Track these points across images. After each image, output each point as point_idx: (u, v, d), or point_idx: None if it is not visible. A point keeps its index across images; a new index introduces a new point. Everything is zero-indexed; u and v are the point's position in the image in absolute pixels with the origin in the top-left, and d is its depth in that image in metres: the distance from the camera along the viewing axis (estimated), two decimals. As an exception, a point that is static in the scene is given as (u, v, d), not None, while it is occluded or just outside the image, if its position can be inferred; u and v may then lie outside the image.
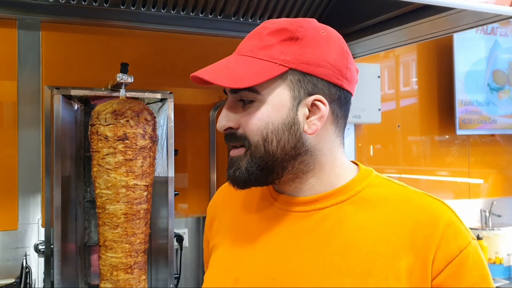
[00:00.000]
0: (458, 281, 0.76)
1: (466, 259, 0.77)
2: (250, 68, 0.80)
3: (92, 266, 1.83)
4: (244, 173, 0.82)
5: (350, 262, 0.78)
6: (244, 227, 0.92)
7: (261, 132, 0.80)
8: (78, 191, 1.81)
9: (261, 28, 0.85)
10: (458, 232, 0.80)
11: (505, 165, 3.19)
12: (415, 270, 0.76)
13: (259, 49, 0.81)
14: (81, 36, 2.02)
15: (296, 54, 0.80)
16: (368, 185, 0.86)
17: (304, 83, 0.81)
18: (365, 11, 2.04)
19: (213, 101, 2.26)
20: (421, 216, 0.80)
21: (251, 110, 0.81)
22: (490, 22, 1.65)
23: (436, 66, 2.95)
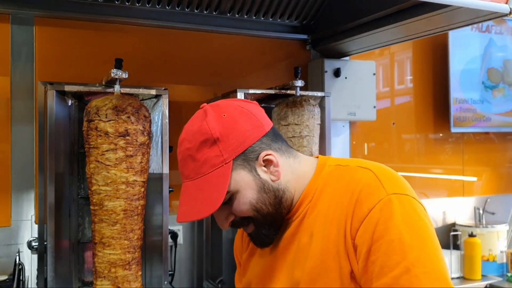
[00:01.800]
0: (366, 236, 0.90)
1: (373, 216, 0.90)
2: (207, 191, 0.98)
3: (86, 263, 1.83)
4: (266, 236, 1.04)
5: (313, 247, 0.98)
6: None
7: (251, 208, 1.00)
8: (72, 188, 1.80)
9: (186, 151, 1.01)
10: (370, 193, 0.93)
11: (499, 163, 3.20)
12: (346, 234, 0.93)
13: (199, 167, 0.99)
14: (75, 32, 2.01)
15: (226, 149, 0.98)
16: (322, 178, 1.04)
17: (247, 157, 1.00)
18: (360, 8, 2.04)
19: (208, 97, 2.25)
20: (347, 187, 0.97)
21: (235, 201, 1.00)
22: (485, 20, 1.66)
23: (431, 64, 2.95)
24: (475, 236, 2.66)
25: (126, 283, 1.64)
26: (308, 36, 2.44)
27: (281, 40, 2.40)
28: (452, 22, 1.78)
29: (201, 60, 2.25)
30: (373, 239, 0.88)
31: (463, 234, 2.73)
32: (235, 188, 0.99)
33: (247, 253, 1.20)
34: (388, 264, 0.86)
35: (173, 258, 2.11)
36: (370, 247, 0.89)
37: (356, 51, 2.39)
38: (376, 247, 0.88)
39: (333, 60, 2.39)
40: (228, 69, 2.31)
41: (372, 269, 0.88)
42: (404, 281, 0.84)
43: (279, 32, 2.37)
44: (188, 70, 2.23)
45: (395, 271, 0.85)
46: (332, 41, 2.30)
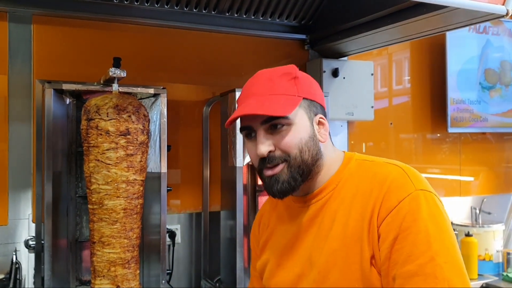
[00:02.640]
0: (393, 226, 0.97)
1: (402, 208, 0.97)
2: (280, 102, 1.05)
3: (83, 262, 1.83)
4: (290, 182, 1.07)
5: (335, 231, 1.06)
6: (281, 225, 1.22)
7: (298, 146, 1.06)
8: (69, 187, 1.80)
9: (267, 75, 1.10)
10: (400, 186, 1.00)
11: (495, 163, 3.21)
12: (371, 222, 1.00)
13: (277, 88, 1.07)
14: (74, 30, 2.01)
15: (302, 88, 1.09)
16: (348, 170, 1.12)
17: (311, 107, 1.11)
18: (358, 8, 2.04)
19: (206, 97, 2.25)
20: (375, 180, 1.04)
21: (285, 132, 1.06)
22: (482, 21, 1.66)
23: (429, 65, 2.96)
24: (471, 235, 2.67)
25: (126, 281, 1.65)
26: (307, 36, 2.44)
27: (280, 40, 2.41)
28: (450, 23, 1.79)
29: (199, 59, 2.25)
30: (401, 228, 0.96)
31: (459, 233, 2.74)
32: (294, 120, 1.06)
33: (265, 238, 1.26)
34: (415, 252, 0.94)
35: (171, 257, 2.12)
36: (397, 236, 0.96)
37: (354, 51, 2.39)
38: (403, 236, 0.95)
39: (331, 60, 2.40)
40: (227, 69, 2.31)
41: (397, 256, 0.95)
42: (428, 269, 0.92)
43: (278, 32, 2.37)
44: (186, 69, 2.23)
45: (420, 260, 0.93)
46: (330, 41, 2.30)
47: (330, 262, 1.04)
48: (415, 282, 0.92)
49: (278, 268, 1.17)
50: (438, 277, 0.91)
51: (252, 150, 1.11)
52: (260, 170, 1.10)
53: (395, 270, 0.95)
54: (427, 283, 0.91)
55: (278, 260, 1.18)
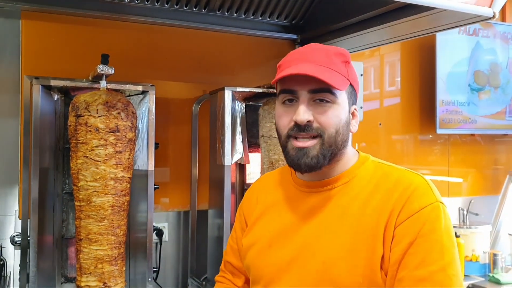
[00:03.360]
0: (412, 230, 0.98)
1: (423, 215, 0.99)
2: (336, 77, 1.05)
3: (69, 259, 1.82)
4: (319, 158, 1.06)
5: (346, 223, 1.05)
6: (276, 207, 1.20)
7: (336, 125, 1.06)
8: (56, 183, 1.79)
9: (324, 49, 1.09)
10: (423, 194, 1.02)
11: (484, 164, 3.24)
12: (388, 222, 1.01)
13: (333, 64, 1.06)
14: (63, 26, 2.00)
15: (351, 74, 1.10)
16: (364, 168, 1.12)
17: (352, 95, 1.12)
18: (348, 9, 2.04)
19: (196, 95, 2.25)
20: (399, 183, 1.05)
21: (328, 109, 1.05)
22: (470, 23, 1.67)
23: (419, 66, 2.98)
24: (459, 236, 2.69)
25: (112, 278, 1.65)
26: (297, 36, 2.44)
27: (271, 39, 2.41)
28: (438, 24, 1.80)
29: (189, 57, 2.25)
30: (419, 234, 0.98)
31: (447, 234, 2.75)
32: (339, 100, 1.06)
33: (256, 215, 1.23)
34: (428, 259, 0.96)
35: (158, 255, 2.11)
36: (413, 241, 0.98)
37: (344, 52, 2.40)
38: (420, 242, 0.97)
39: (321, 60, 2.40)
40: (217, 67, 2.31)
41: (410, 259, 0.97)
42: (438, 277, 0.95)
43: (269, 31, 2.37)
44: (176, 67, 2.23)
45: (432, 267, 0.96)
46: (321, 41, 2.29)
47: (337, 254, 1.04)
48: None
49: (269, 249, 1.15)
50: (446, 287, 0.95)
51: (286, 116, 1.08)
52: (287, 137, 1.08)
53: (404, 273, 0.97)
54: None
55: (270, 241, 1.15)
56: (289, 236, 1.13)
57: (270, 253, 1.14)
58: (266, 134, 1.95)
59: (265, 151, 1.97)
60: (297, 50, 1.13)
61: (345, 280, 1.02)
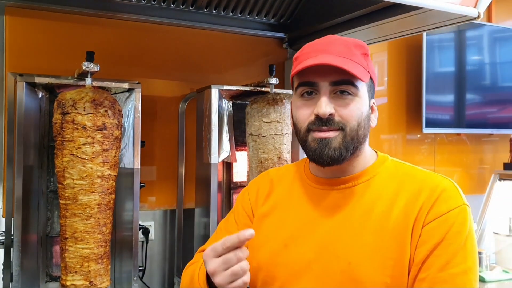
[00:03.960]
0: (439, 231, 0.98)
1: (451, 217, 0.98)
2: (359, 69, 1.02)
3: (54, 258, 1.81)
4: (342, 150, 1.03)
5: (371, 223, 1.03)
6: (290, 204, 1.15)
7: (358, 119, 1.03)
8: (41, 181, 1.78)
9: (343, 40, 1.06)
10: (451, 196, 1.01)
11: (469, 164, 3.27)
12: (416, 222, 0.99)
13: (353, 56, 1.03)
14: (48, 23, 1.98)
15: (371, 67, 1.07)
16: (385, 168, 1.11)
17: (371, 89, 1.09)
18: (335, 8, 2.05)
19: (183, 93, 2.24)
20: (426, 184, 1.03)
21: (350, 101, 1.03)
22: (455, 23, 1.69)
23: (406, 66, 3.00)
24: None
25: (98, 277, 1.64)
26: (285, 35, 2.45)
27: (258, 38, 2.41)
28: (424, 24, 1.81)
29: (176, 55, 2.24)
30: (446, 236, 0.98)
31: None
32: (360, 93, 1.04)
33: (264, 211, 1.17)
34: (452, 262, 0.96)
35: (144, 253, 2.11)
36: (440, 242, 0.97)
37: (332, 51, 2.40)
38: (446, 244, 0.97)
39: (309, 59, 2.40)
40: (204, 65, 2.31)
41: (434, 260, 0.97)
42: (459, 280, 0.96)
43: (256, 29, 2.37)
44: (162, 65, 2.22)
45: (454, 270, 0.96)
46: (308, 40, 2.24)
47: (363, 254, 1.01)
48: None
49: (285, 249, 1.09)
50: None
51: (304, 109, 1.05)
52: (307, 131, 1.04)
53: (426, 273, 0.97)
54: None
55: (285, 240, 1.10)
56: (307, 236, 1.08)
57: (286, 253, 1.09)
58: (255, 132, 1.95)
59: (253, 150, 1.97)
60: (314, 42, 1.09)
61: (372, 280, 0.99)
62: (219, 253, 0.94)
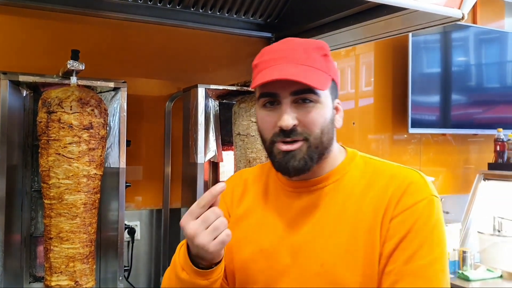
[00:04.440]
0: (405, 224, 0.98)
1: (417, 210, 0.99)
2: (319, 76, 1.01)
3: (38, 258, 1.79)
4: (307, 160, 1.02)
5: (342, 222, 1.03)
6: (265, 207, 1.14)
7: (321, 126, 1.02)
8: (25, 181, 1.76)
9: (302, 44, 1.04)
10: (418, 189, 1.01)
11: (454, 164, 3.30)
12: (384, 217, 1.00)
13: (312, 61, 1.02)
14: (32, 20, 1.96)
15: (332, 68, 1.06)
16: (355, 165, 1.10)
17: (334, 90, 1.08)
18: (322, 8, 2.06)
19: (169, 92, 2.24)
20: (394, 179, 1.04)
21: (312, 109, 1.02)
22: (440, 24, 1.70)
23: (392, 67, 3.02)
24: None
25: (84, 276, 1.64)
26: (272, 34, 2.45)
27: (245, 37, 2.41)
28: (410, 25, 1.82)
29: (162, 54, 2.23)
30: (412, 229, 0.97)
31: (418, 232, 2.79)
32: (322, 99, 1.03)
33: (238, 215, 1.16)
34: (418, 254, 0.96)
35: (130, 253, 2.09)
36: (406, 235, 0.97)
37: (318, 51, 2.41)
38: (412, 237, 0.97)
39: (296, 59, 2.41)
40: (191, 64, 2.30)
41: (400, 253, 0.97)
42: (426, 271, 0.96)
43: (243, 29, 2.37)
44: (149, 64, 2.21)
45: (421, 261, 0.96)
46: (295, 40, 2.31)
47: (336, 255, 1.01)
48: (410, 281, 0.95)
49: (261, 253, 1.08)
50: (433, 282, 0.95)
51: (268, 120, 1.04)
52: (272, 142, 1.04)
53: (392, 266, 0.97)
54: (421, 284, 0.95)
55: (260, 244, 1.09)
56: (282, 239, 1.08)
57: (262, 258, 1.08)
58: (243, 132, 1.95)
59: (241, 150, 1.96)
60: (273, 47, 1.07)
61: (346, 281, 0.99)
62: (197, 214, 0.95)
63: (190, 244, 0.98)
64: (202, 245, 0.94)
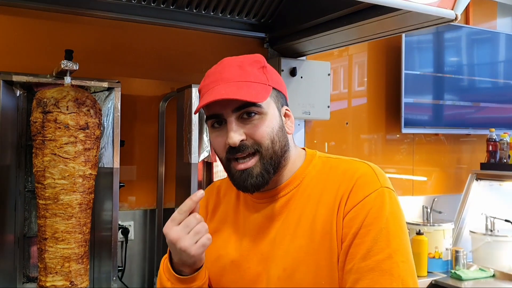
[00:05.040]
0: (357, 220, 0.98)
1: (368, 203, 0.98)
2: (256, 89, 1.03)
3: (31, 258, 1.78)
4: (263, 175, 1.03)
5: (302, 227, 1.03)
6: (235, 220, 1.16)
7: (270, 136, 1.03)
8: (18, 181, 1.75)
9: (237, 62, 1.07)
10: (368, 182, 1.01)
11: (447, 164, 3.32)
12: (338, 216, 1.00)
13: (248, 76, 1.04)
14: (25, 20, 1.95)
15: (271, 78, 1.08)
16: (313, 167, 1.11)
17: (279, 98, 1.09)
18: (315, 8, 2.06)
19: (163, 92, 2.23)
20: (344, 176, 1.04)
21: (258, 121, 1.03)
22: (433, 25, 1.71)
23: (385, 67, 3.03)
24: (422, 234, 2.75)
25: (79, 277, 1.64)
26: (266, 35, 2.45)
27: (239, 38, 2.41)
28: (403, 25, 1.83)
29: (156, 54, 2.23)
30: (364, 224, 0.97)
31: (411, 231, 2.81)
32: (266, 109, 1.04)
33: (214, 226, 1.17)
34: (374, 249, 0.95)
35: (123, 253, 2.09)
36: (358, 230, 0.97)
37: (312, 51, 2.42)
38: (365, 232, 0.96)
39: (290, 60, 2.42)
40: (185, 65, 2.30)
41: (356, 250, 0.96)
42: (385, 265, 0.94)
43: (237, 29, 2.37)
44: (143, 64, 2.20)
45: (378, 256, 0.95)
46: (289, 41, 2.32)
47: (297, 259, 1.02)
48: (372, 278, 0.94)
49: (231, 264, 1.11)
50: (394, 274, 0.94)
51: (219, 140, 1.06)
52: (228, 161, 1.05)
53: (351, 264, 0.96)
54: (384, 279, 0.93)
55: (231, 256, 1.11)
56: (251, 249, 1.09)
57: (233, 269, 1.11)
58: (234, 132, 1.95)
59: (233, 150, 1.97)
60: (212, 69, 1.11)
61: (307, 283, 1.00)
62: (179, 220, 0.99)
63: (173, 250, 1.01)
64: (185, 248, 0.97)
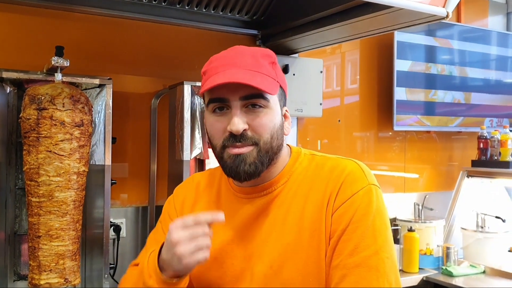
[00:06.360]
0: (345, 217, 0.99)
1: (356, 200, 1.00)
2: (268, 81, 1.03)
3: (22, 256, 1.77)
4: (257, 165, 1.03)
5: (289, 224, 1.04)
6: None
7: (271, 131, 1.04)
8: (9, 178, 1.74)
9: (250, 51, 1.06)
10: (356, 179, 1.03)
11: (438, 161, 3.34)
12: (327, 211, 1.01)
13: (261, 67, 1.03)
14: (16, 16, 1.93)
15: (279, 75, 1.08)
16: (299, 164, 1.11)
17: (282, 97, 1.10)
18: (308, 6, 2.06)
19: (155, 89, 2.23)
20: (332, 173, 1.05)
21: (261, 114, 1.03)
22: (425, 22, 1.72)
23: (377, 65, 3.04)
24: (414, 230, 2.77)
25: (72, 273, 1.64)
26: (258, 32, 2.45)
27: (232, 34, 2.40)
28: (395, 23, 1.84)
29: (148, 51, 2.22)
30: (352, 220, 0.99)
31: (402, 228, 2.83)
32: (271, 104, 1.04)
33: None
34: (361, 245, 0.97)
35: (115, 251, 2.08)
36: (346, 227, 0.98)
37: (304, 49, 2.42)
38: (353, 228, 0.98)
39: (282, 57, 2.42)
40: (177, 61, 2.29)
41: (343, 246, 0.98)
42: (372, 261, 0.96)
43: (230, 26, 2.37)
44: (134, 60, 2.19)
45: (365, 252, 0.97)
46: (281, 38, 2.32)
47: (285, 256, 1.02)
48: (358, 273, 0.96)
49: (215, 261, 1.08)
50: (380, 270, 0.96)
51: (218, 125, 1.04)
52: (223, 147, 1.04)
53: (338, 260, 0.98)
54: (370, 274, 0.95)
55: (214, 253, 1.06)
56: (235, 246, 1.09)
57: (216, 265, 1.09)
58: (227, 129, 1.95)
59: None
60: (221, 54, 1.08)
61: (294, 280, 1.00)
62: (189, 227, 0.97)
63: (167, 248, 0.98)
64: (179, 255, 0.95)
